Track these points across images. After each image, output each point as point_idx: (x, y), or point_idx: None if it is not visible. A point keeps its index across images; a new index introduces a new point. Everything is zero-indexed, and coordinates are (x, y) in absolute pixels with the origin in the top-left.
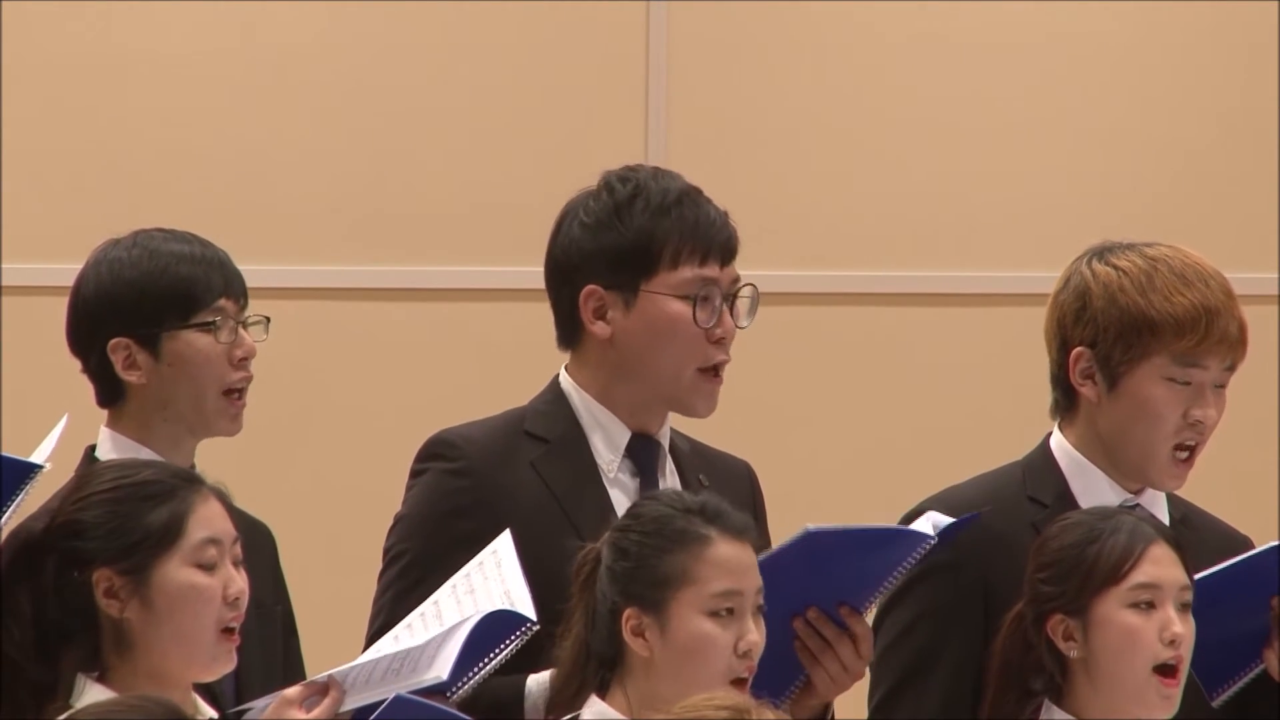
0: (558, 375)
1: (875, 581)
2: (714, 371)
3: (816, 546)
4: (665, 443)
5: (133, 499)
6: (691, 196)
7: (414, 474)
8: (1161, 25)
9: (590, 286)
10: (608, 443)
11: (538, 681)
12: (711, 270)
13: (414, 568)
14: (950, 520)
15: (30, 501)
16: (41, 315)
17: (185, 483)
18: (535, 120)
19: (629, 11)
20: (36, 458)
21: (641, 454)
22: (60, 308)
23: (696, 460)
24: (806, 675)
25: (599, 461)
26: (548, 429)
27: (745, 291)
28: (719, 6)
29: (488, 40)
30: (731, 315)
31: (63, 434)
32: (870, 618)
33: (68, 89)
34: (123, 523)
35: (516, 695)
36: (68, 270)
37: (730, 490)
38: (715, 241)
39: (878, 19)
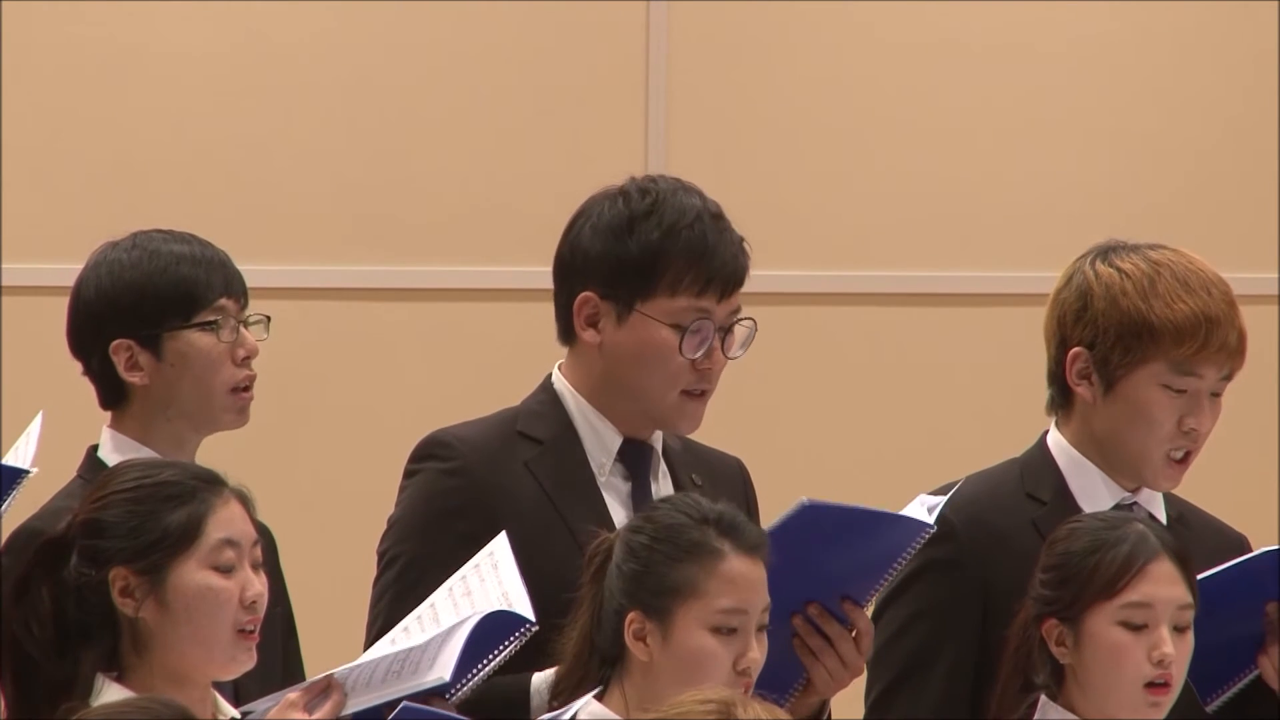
0: (550, 374)
1: (876, 572)
2: (699, 393)
3: (814, 522)
4: (658, 446)
5: (153, 499)
6: (707, 221)
7: (408, 474)
8: (1162, 26)
9: (586, 293)
10: (600, 446)
11: (544, 679)
12: (708, 302)
13: (410, 570)
14: (944, 499)
15: (32, 502)
16: (41, 315)
17: (206, 484)
18: (536, 121)
19: (629, 11)
20: (20, 462)
21: (633, 458)
22: (60, 308)
23: (689, 458)
24: (808, 674)
25: (592, 464)
26: (541, 430)
27: (743, 323)
28: (719, 6)
29: (488, 41)
30: (724, 345)
31: (41, 432)
32: (871, 611)
33: (68, 89)
34: (141, 522)
35: (522, 694)
36: (68, 270)
37: (723, 487)
38: (718, 274)
39: (878, 19)
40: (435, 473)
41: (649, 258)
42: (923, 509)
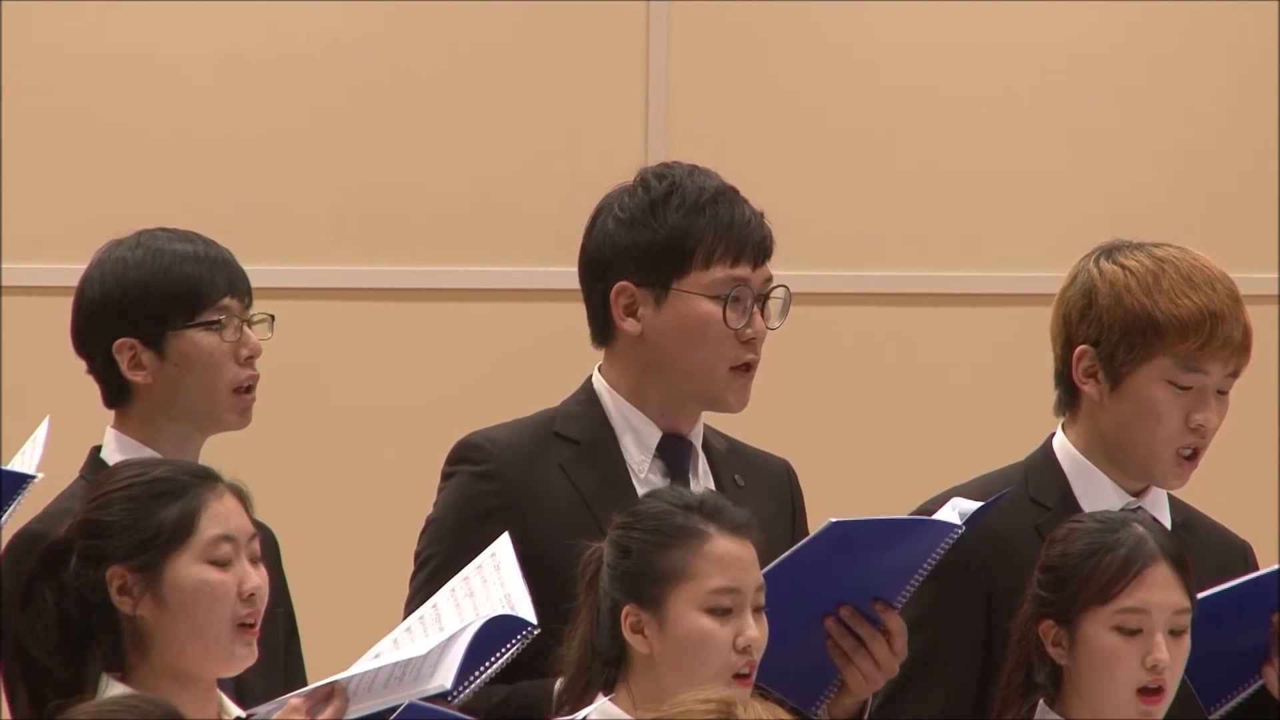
0: (591, 376)
1: (906, 574)
2: (744, 368)
3: (842, 538)
4: (697, 442)
5: (146, 496)
6: (727, 195)
7: (444, 477)
8: (1163, 26)
9: (622, 283)
10: (638, 443)
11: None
12: (743, 271)
13: (441, 572)
14: (978, 505)
15: (34, 503)
16: (41, 315)
17: (199, 480)
18: (535, 120)
19: (629, 11)
20: (26, 466)
21: (672, 454)
22: (60, 308)
23: (733, 459)
24: (841, 676)
25: (629, 462)
26: (578, 430)
27: (778, 292)
28: (719, 6)
29: (488, 40)
30: (763, 315)
31: (48, 437)
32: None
33: (68, 89)
34: (136, 520)
35: (545, 698)
36: (68, 270)
37: (769, 490)
38: (749, 241)
39: (878, 19)
40: (468, 476)
41: (678, 236)
42: (954, 512)
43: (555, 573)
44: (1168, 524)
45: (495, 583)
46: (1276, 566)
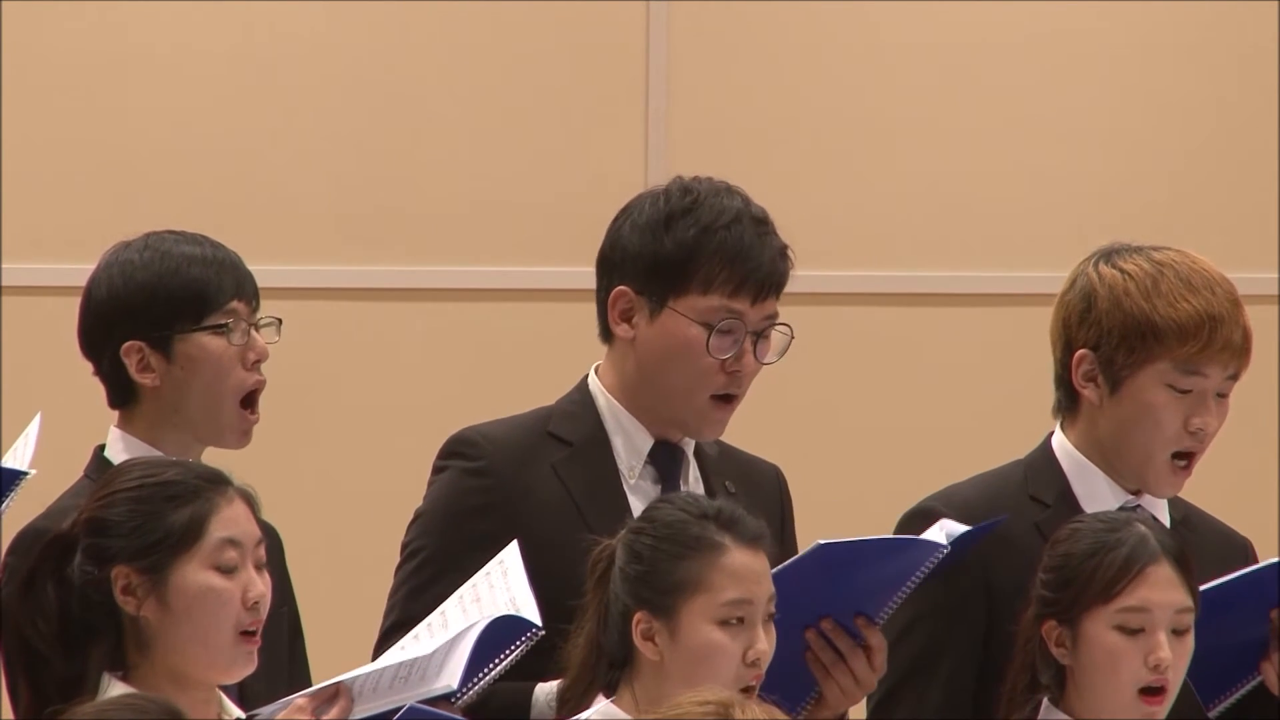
0: (587, 376)
1: (889, 591)
2: (724, 400)
3: (829, 559)
4: (689, 450)
5: (156, 498)
6: (746, 223)
7: (435, 471)
8: (1162, 25)
9: (621, 287)
10: (630, 448)
11: (545, 691)
12: (740, 303)
13: (429, 565)
14: (965, 529)
15: (37, 502)
16: (41, 315)
17: (210, 484)
18: (535, 120)
19: (629, 11)
20: (18, 463)
21: (664, 461)
22: (60, 308)
23: (724, 464)
24: (820, 689)
25: (620, 467)
26: (571, 431)
27: (780, 328)
28: (719, 6)
29: (488, 40)
30: (756, 350)
31: (39, 433)
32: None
33: (68, 89)
34: (144, 521)
35: (524, 702)
36: (68, 270)
37: (758, 494)
38: (752, 276)
39: (879, 19)
40: (459, 471)
41: (683, 255)
42: (941, 533)
43: (544, 572)
44: (1166, 521)
45: (502, 588)
46: (1276, 560)
